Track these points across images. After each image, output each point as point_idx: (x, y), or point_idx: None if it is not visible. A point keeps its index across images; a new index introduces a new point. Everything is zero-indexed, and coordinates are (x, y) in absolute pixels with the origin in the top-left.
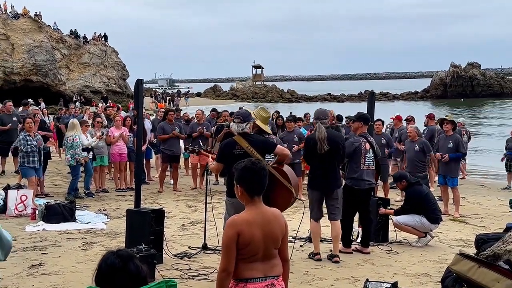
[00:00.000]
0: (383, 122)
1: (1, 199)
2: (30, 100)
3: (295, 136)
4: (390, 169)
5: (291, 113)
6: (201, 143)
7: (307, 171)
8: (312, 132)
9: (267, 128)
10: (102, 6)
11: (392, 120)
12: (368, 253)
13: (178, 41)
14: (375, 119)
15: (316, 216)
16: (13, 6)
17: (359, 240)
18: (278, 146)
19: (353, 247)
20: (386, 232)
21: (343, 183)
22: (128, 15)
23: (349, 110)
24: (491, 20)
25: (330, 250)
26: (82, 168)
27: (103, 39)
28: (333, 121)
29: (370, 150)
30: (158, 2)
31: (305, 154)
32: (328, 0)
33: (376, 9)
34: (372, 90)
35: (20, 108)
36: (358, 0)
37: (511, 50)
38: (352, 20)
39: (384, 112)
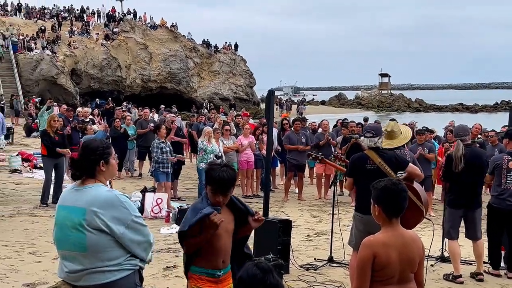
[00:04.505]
0: None
1: (139, 201)
2: (160, 107)
3: (425, 148)
4: None
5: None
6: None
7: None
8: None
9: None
10: (233, 17)
11: None
12: None
13: (304, 49)
14: None
15: (453, 235)
16: (152, 17)
17: None
18: (411, 164)
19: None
20: None
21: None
22: (256, 24)
23: (483, 121)
24: None
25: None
26: None
27: (233, 48)
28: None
29: None
30: (285, 10)
31: (444, 171)
32: (460, 6)
33: None
34: (510, 100)
35: (156, 116)
36: (493, 5)
37: None
38: (488, 25)
39: None
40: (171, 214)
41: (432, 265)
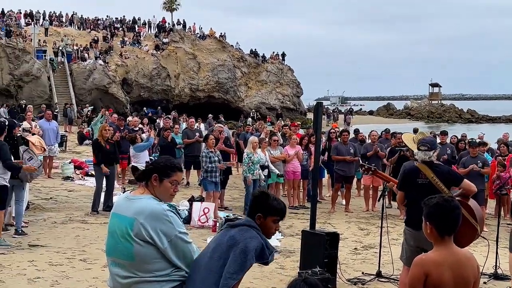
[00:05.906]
0: None
1: (186, 210)
2: (207, 117)
3: (479, 162)
4: None
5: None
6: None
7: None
8: None
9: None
10: (281, 26)
11: None
12: None
13: (352, 58)
14: None
15: None
16: (201, 28)
17: None
18: (465, 180)
19: None
20: None
21: None
22: (304, 33)
23: None
24: None
25: None
26: None
27: (280, 57)
28: None
29: None
30: (332, 20)
31: None
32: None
33: None
34: None
35: (202, 125)
36: None
37: None
38: None
39: None
40: (217, 224)
41: (485, 283)
